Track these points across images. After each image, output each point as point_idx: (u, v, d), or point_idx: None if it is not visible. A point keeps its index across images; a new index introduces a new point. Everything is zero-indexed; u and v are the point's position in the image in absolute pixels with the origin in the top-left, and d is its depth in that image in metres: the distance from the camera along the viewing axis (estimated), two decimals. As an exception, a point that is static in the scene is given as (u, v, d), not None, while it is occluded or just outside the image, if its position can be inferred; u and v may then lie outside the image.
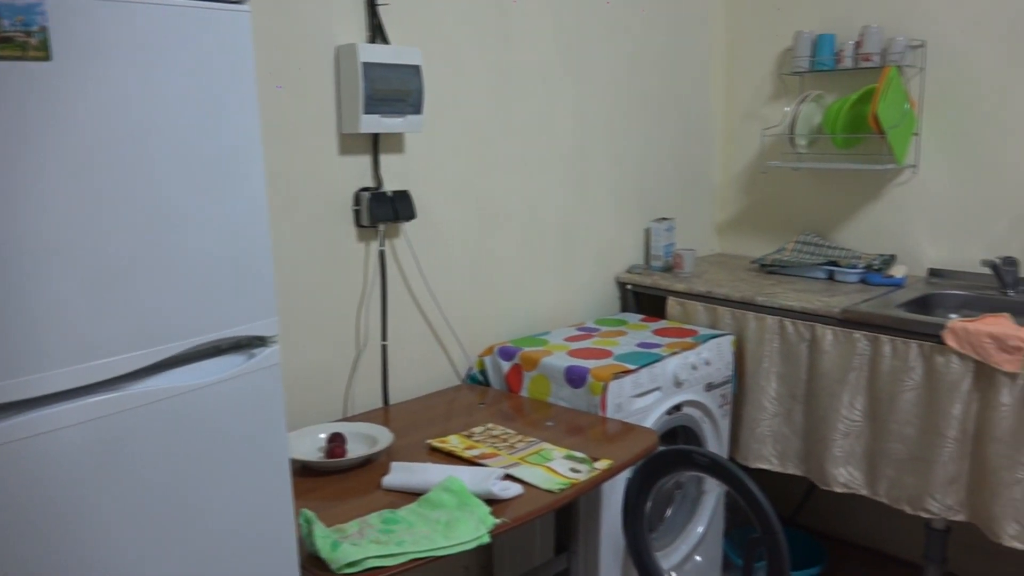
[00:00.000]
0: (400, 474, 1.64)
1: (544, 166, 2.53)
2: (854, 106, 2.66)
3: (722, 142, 3.22)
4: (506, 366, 2.30)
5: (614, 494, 2.12)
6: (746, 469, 2.58)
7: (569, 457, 1.76)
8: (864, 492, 2.29)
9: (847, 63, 2.72)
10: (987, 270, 2.50)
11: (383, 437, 1.82)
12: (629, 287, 2.81)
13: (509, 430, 1.94)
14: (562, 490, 1.62)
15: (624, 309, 2.85)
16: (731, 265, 2.99)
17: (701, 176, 3.17)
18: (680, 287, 2.65)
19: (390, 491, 1.62)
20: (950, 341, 2.07)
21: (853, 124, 2.68)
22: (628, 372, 2.13)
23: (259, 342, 1.25)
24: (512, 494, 1.58)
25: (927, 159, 2.70)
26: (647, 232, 2.92)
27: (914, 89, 2.68)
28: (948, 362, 2.08)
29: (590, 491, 2.06)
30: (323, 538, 1.34)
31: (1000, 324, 2.04)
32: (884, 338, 2.20)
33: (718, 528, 2.52)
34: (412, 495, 1.58)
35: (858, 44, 2.69)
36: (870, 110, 2.52)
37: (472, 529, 1.44)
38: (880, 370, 2.21)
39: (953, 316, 2.18)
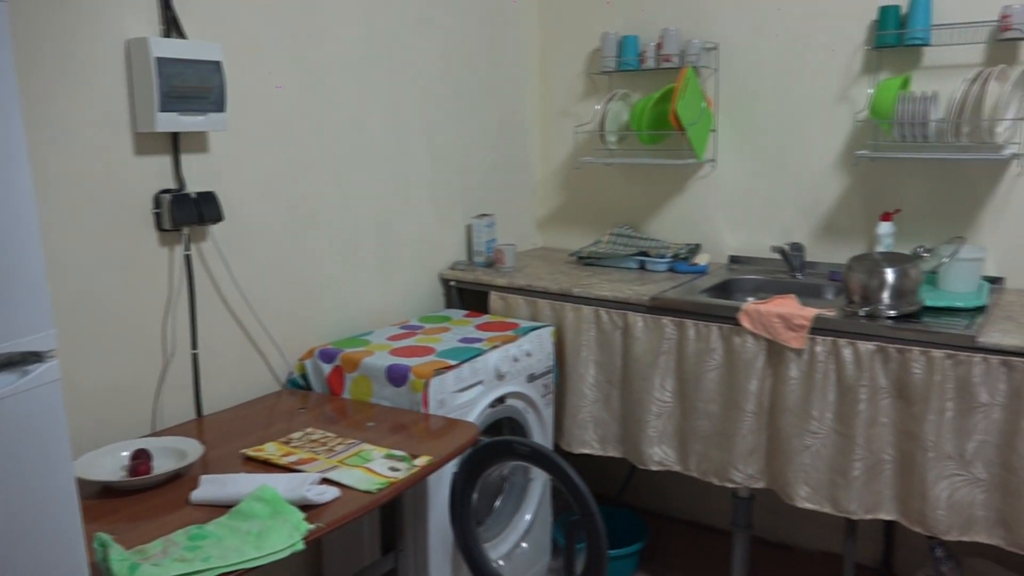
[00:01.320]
0: (210, 487, 1.58)
1: (360, 164, 2.50)
2: (657, 104, 2.81)
3: (539, 139, 3.31)
4: (327, 368, 2.26)
5: (440, 489, 2.14)
6: (570, 455, 2.68)
7: (389, 456, 1.76)
8: (677, 468, 2.43)
9: (650, 63, 2.88)
10: (777, 255, 2.71)
11: (193, 450, 1.74)
12: (453, 283, 2.84)
13: (329, 433, 1.91)
14: (380, 490, 1.61)
15: (449, 306, 2.87)
16: (551, 258, 3.08)
17: (520, 172, 3.24)
18: (502, 282, 2.70)
19: (200, 506, 1.56)
20: (745, 322, 2.23)
21: (657, 121, 2.83)
22: (450, 368, 2.14)
23: (34, 358, 1.16)
24: (328, 498, 1.55)
25: (724, 154, 2.89)
26: (469, 228, 2.96)
27: (710, 88, 2.87)
28: (744, 342, 2.24)
29: (410, 488, 2.06)
30: (120, 561, 1.26)
31: (787, 305, 2.22)
32: (689, 322, 2.34)
33: (546, 515, 2.60)
34: (223, 508, 1.52)
35: (659, 45, 2.85)
36: (670, 108, 2.67)
37: (285, 537, 1.41)
38: (686, 353, 2.35)
39: (750, 299, 2.35)
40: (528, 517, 2.50)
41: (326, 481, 1.62)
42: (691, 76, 2.71)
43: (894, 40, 2.44)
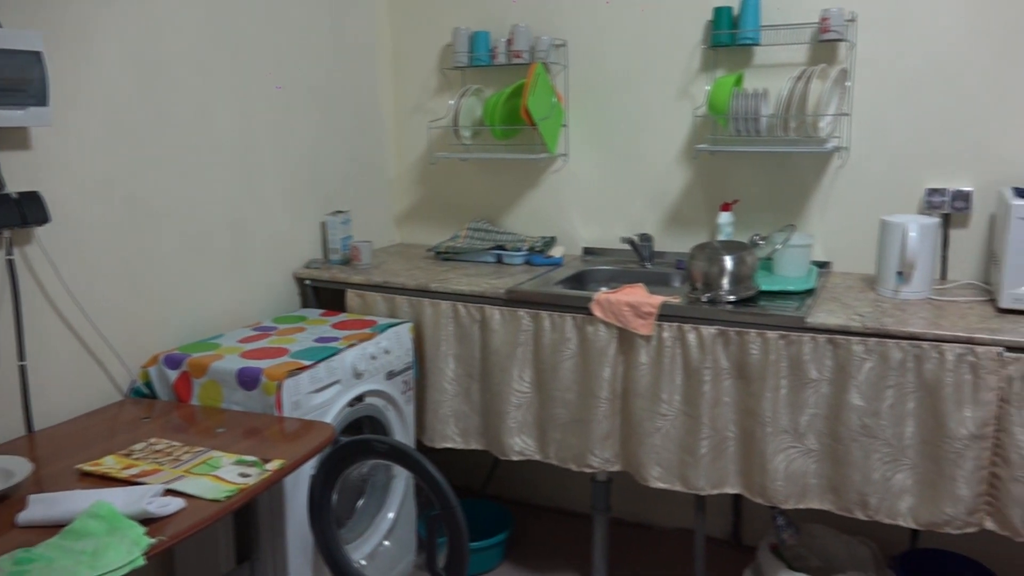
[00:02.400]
0: (39, 507, 1.47)
1: (205, 161, 2.40)
2: (509, 99, 2.85)
3: (394, 134, 3.28)
4: (173, 375, 2.16)
5: (298, 493, 2.09)
6: (433, 450, 2.69)
7: (239, 462, 1.70)
8: (537, 457, 2.48)
9: (501, 59, 2.91)
10: (627, 246, 2.81)
11: (20, 469, 1.62)
12: (308, 282, 2.77)
13: (175, 443, 1.82)
14: (229, 497, 1.55)
15: (305, 305, 2.80)
16: (409, 254, 3.07)
17: (376, 168, 3.21)
18: (358, 279, 2.67)
19: (29, 528, 1.45)
20: (597, 312, 2.30)
21: (509, 117, 2.87)
22: (304, 368, 2.10)
23: None
24: (172, 510, 1.48)
25: (576, 148, 2.97)
26: (323, 226, 2.90)
27: (561, 84, 2.93)
28: (597, 330, 2.31)
29: (263, 493, 2.01)
30: (-67, 594, 1.17)
31: (636, 293, 2.31)
32: (544, 314, 2.38)
33: (410, 512, 2.59)
34: (55, 528, 1.43)
35: (509, 41, 2.88)
36: (521, 104, 2.71)
37: (124, 554, 1.34)
38: (543, 343, 2.40)
39: (604, 289, 2.42)
40: (391, 515, 2.48)
41: (170, 492, 1.55)
42: (541, 72, 2.76)
43: (728, 40, 2.58)
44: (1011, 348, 1.90)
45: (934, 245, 2.29)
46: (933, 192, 2.47)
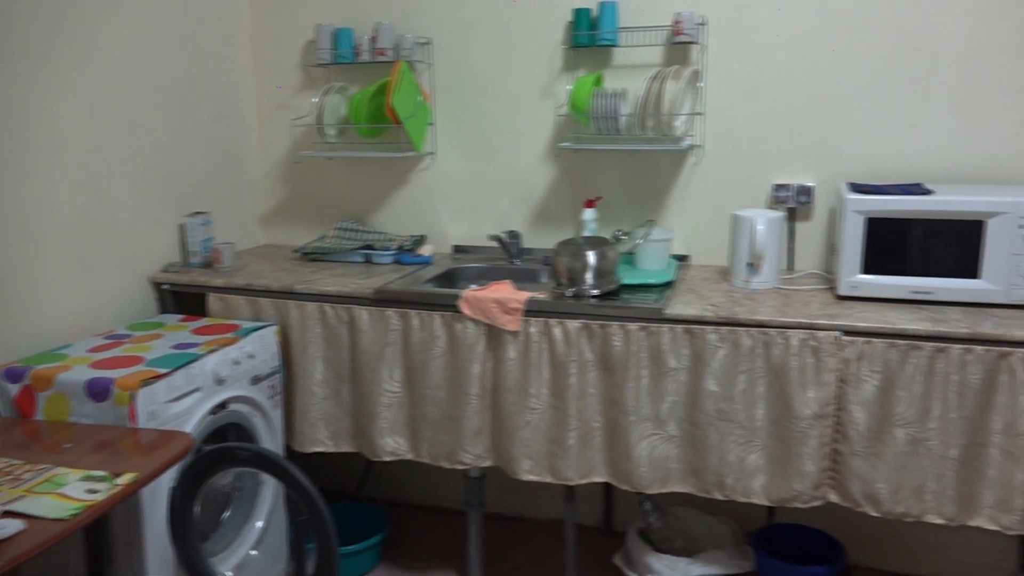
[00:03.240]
0: None
1: (46, 162, 2.25)
2: (373, 98, 2.82)
3: (257, 132, 3.19)
4: (14, 389, 2.02)
5: (157, 506, 2.00)
6: (304, 455, 2.63)
7: (87, 478, 1.61)
8: (410, 456, 2.47)
9: (365, 56, 2.87)
10: (495, 244, 2.84)
11: None
12: (166, 287, 2.66)
13: (16, 461, 1.71)
14: (74, 515, 1.47)
15: (163, 311, 2.68)
16: (275, 256, 2.99)
17: (238, 167, 3.11)
18: (220, 282, 2.58)
19: None
20: (465, 309, 2.31)
21: (374, 115, 2.84)
22: (160, 377, 2.01)
23: None
24: (9, 533, 1.39)
25: (443, 147, 2.97)
26: (182, 228, 2.78)
27: (426, 83, 2.93)
28: (465, 328, 2.32)
29: (115, 509, 1.92)
30: None
31: (503, 290, 2.33)
32: (413, 312, 2.38)
33: (280, 519, 2.52)
34: None
35: (373, 39, 2.85)
36: (386, 102, 2.69)
37: (-47, 583, 1.25)
38: (412, 342, 2.39)
39: (474, 287, 2.43)
40: (260, 524, 2.42)
41: (8, 514, 1.46)
42: (405, 70, 2.75)
43: (587, 40, 2.64)
44: (848, 332, 2.04)
45: (780, 237, 2.43)
46: (779, 187, 2.62)
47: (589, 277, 2.31)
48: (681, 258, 2.76)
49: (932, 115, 2.48)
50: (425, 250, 2.87)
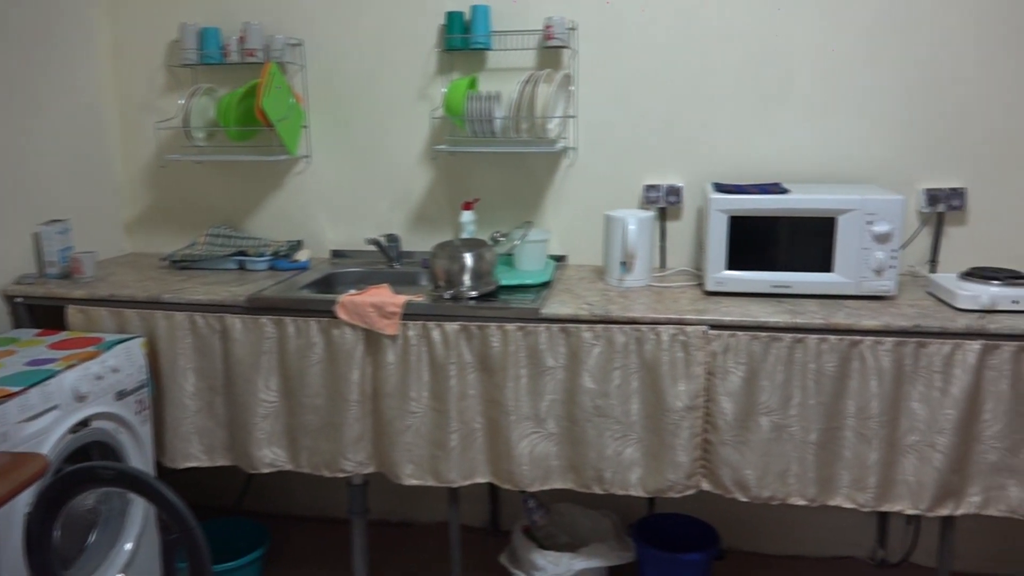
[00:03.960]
0: None
1: None
2: (243, 100, 2.74)
3: (120, 135, 3.04)
4: None
5: (11, 533, 1.88)
6: (176, 471, 2.53)
7: (-74, 508, 1.50)
8: (289, 467, 2.41)
9: (234, 57, 2.79)
10: (374, 247, 2.80)
11: None
12: (20, 300, 2.50)
13: None
14: (-90, 549, 1.36)
15: (17, 326, 2.52)
16: (141, 264, 2.86)
17: (100, 172, 2.95)
18: (80, 293, 2.45)
19: None
20: (342, 314, 2.28)
21: (245, 117, 2.76)
22: (11, 395, 1.89)
23: None
24: None
25: (318, 150, 2.91)
26: (37, 237, 2.62)
27: (299, 84, 2.87)
28: (343, 333, 2.29)
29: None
30: None
31: (380, 294, 2.31)
32: (288, 319, 2.32)
33: (152, 541, 2.41)
34: None
35: (242, 39, 2.77)
36: (256, 104, 2.62)
37: None
38: (288, 350, 2.34)
39: (353, 291, 2.40)
40: (129, 546, 2.30)
41: None
42: (276, 71, 2.68)
43: (460, 44, 2.65)
44: (714, 326, 2.13)
45: (652, 237, 2.51)
46: (650, 188, 2.70)
47: (467, 279, 2.32)
48: (559, 258, 2.81)
49: (789, 118, 2.61)
50: (302, 255, 2.81)
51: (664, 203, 2.70)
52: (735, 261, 2.33)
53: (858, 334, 2.07)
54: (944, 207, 2.56)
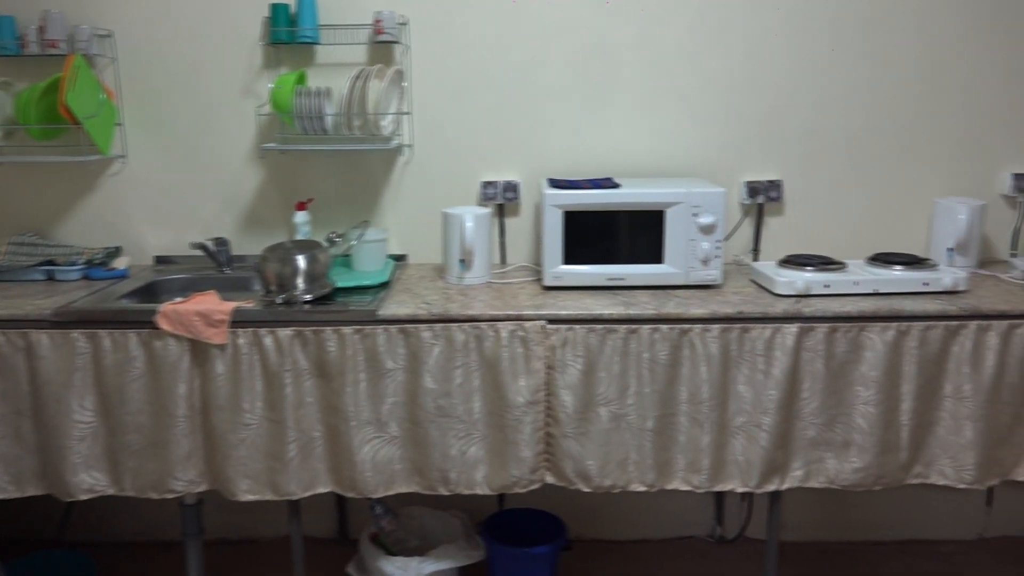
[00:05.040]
0: None
1: None
2: (45, 95, 2.52)
3: (-99, 135, 2.72)
4: None
5: None
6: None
7: None
8: (111, 491, 2.23)
9: (33, 48, 2.55)
10: (200, 252, 2.65)
11: None
12: None
13: None
14: None
15: None
16: (-69, 278, 2.57)
17: None
18: None
19: None
20: (163, 325, 2.13)
21: (47, 114, 2.53)
22: None
23: None
24: None
25: (136, 149, 2.72)
26: None
27: (110, 79, 2.66)
28: (166, 345, 2.14)
29: None
30: None
31: (206, 301, 2.18)
32: (103, 332, 2.15)
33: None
34: None
35: (41, 29, 2.54)
36: (59, 100, 2.41)
37: None
38: (105, 365, 2.16)
39: (179, 299, 2.25)
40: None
41: None
42: (81, 65, 2.48)
43: (287, 37, 2.55)
44: (552, 321, 2.15)
45: (490, 233, 2.50)
46: (487, 184, 2.70)
47: (300, 282, 2.23)
48: (399, 258, 2.76)
49: (618, 113, 2.68)
50: (120, 263, 2.62)
51: (502, 199, 2.71)
52: (571, 255, 2.36)
53: (687, 322, 2.15)
54: (763, 198, 2.71)
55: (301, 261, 2.24)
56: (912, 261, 2.37)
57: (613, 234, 2.35)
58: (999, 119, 2.68)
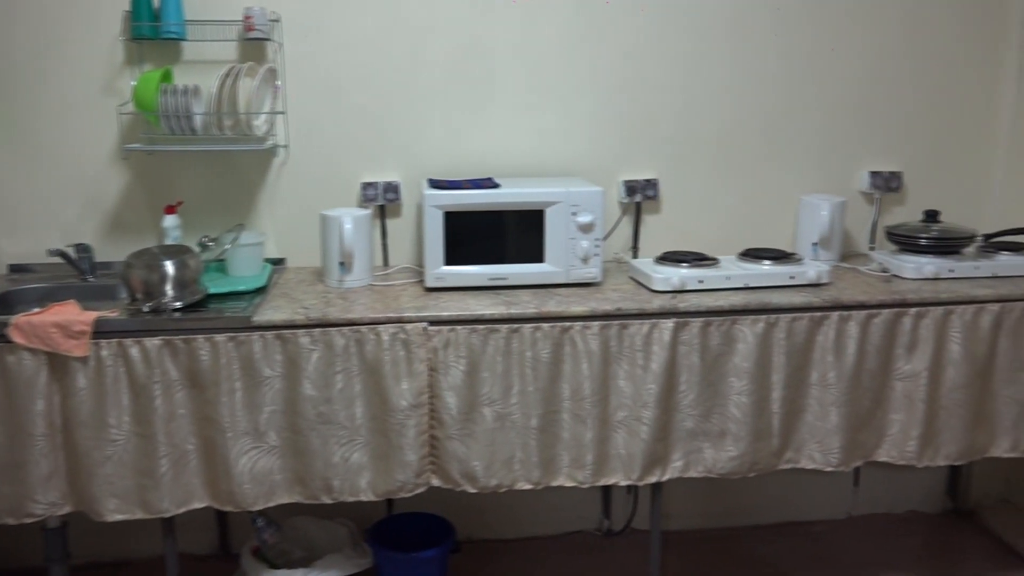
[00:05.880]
0: None
1: None
2: None
3: None
4: None
5: None
6: None
7: None
8: (-38, 519, 2.08)
9: None
10: (59, 259, 2.49)
11: None
12: None
13: None
14: None
15: None
16: None
17: None
18: None
19: None
20: (17, 338, 1.99)
21: None
22: None
23: None
24: None
25: (-15, 150, 2.54)
26: None
27: (-47, 75, 2.47)
28: (20, 360, 2.00)
29: None
30: None
31: (65, 312, 2.05)
32: (-52, 348, 1.99)
33: None
34: None
35: None
36: None
37: None
38: (-49, 384, 2.01)
39: (36, 310, 2.10)
40: None
41: None
42: (-81, 59, 2.29)
43: (150, 32, 2.43)
44: (434, 322, 2.13)
45: (371, 235, 2.46)
46: (367, 186, 2.65)
47: (169, 289, 2.13)
48: (277, 262, 2.68)
49: (499, 113, 2.69)
50: (-31, 273, 2.44)
51: (383, 201, 2.67)
52: (453, 256, 2.35)
53: (568, 320, 2.17)
54: (641, 197, 2.77)
55: (169, 267, 2.14)
56: (780, 256, 2.48)
57: (494, 234, 2.35)
58: (856, 121, 2.84)
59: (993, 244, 2.64)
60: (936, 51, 2.83)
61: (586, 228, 2.36)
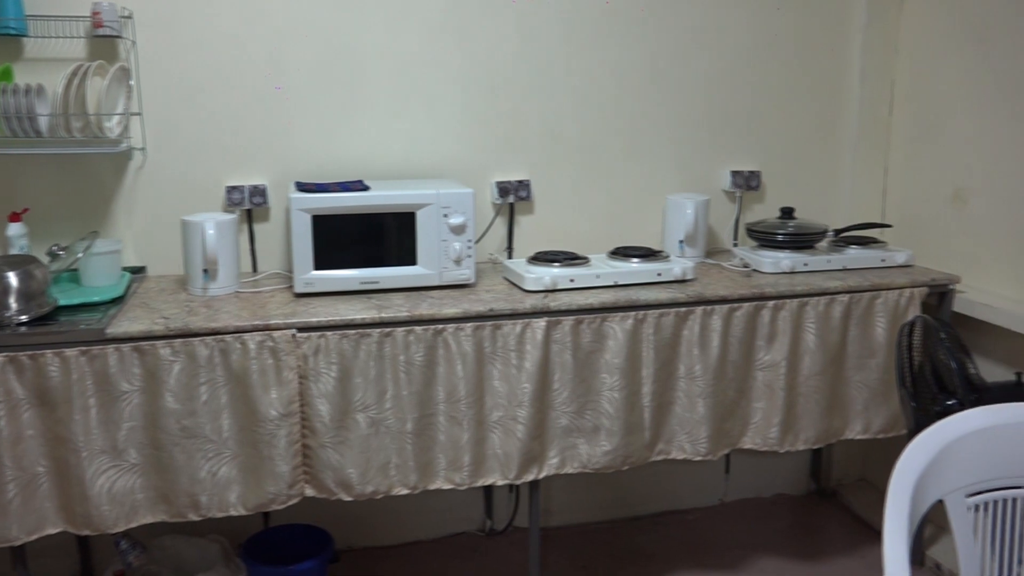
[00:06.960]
0: None
1: None
2: None
3: None
4: None
5: None
6: None
7: None
8: None
9: None
10: None
11: None
12: None
13: None
14: None
15: None
16: None
17: None
18: None
19: None
20: None
21: None
22: None
23: None
24: None
25: None
26: None
27: None
28: None
29: None
30: None
31: None
32: None
33: None
34: None
35: None
36: None
37: None
38: None
39: None
40: None
41: None
42: None
43: (-13, 27, 2.27)
44: (303, 329, 2.08)
45: (236, 240, 2.37)
46: (232, 189, 2.56)
47: (12, 302, 1.99)
48: (137, 270, 2.55)
49: (368, 116, 2.65)
50: None
51: (250, 204, 2.58)
52: (322, 260, 2.30)
53: (441, 323, 2.16)
54: (514, 198, 2.79)
55: (13, 278, 2.00)
56: (647, 254, 2.55)
57: (365, 237, 2.32)
58: (717, 123, 2.96)
59: (843, 239, 2.80)
60: (787, 57, 2.98)
61: (458, 229, 2.36)
